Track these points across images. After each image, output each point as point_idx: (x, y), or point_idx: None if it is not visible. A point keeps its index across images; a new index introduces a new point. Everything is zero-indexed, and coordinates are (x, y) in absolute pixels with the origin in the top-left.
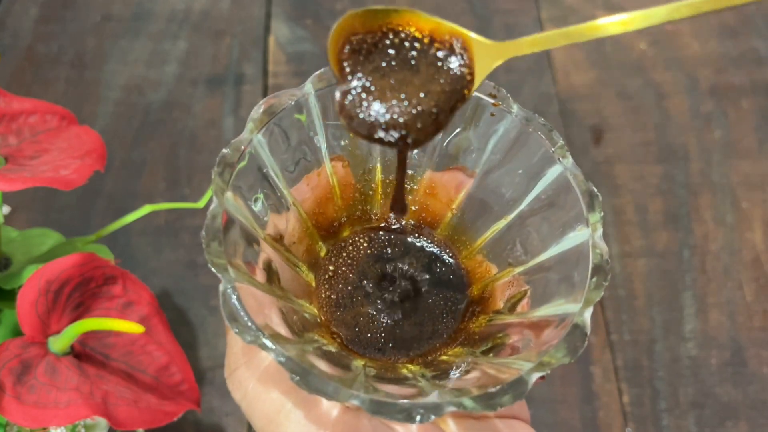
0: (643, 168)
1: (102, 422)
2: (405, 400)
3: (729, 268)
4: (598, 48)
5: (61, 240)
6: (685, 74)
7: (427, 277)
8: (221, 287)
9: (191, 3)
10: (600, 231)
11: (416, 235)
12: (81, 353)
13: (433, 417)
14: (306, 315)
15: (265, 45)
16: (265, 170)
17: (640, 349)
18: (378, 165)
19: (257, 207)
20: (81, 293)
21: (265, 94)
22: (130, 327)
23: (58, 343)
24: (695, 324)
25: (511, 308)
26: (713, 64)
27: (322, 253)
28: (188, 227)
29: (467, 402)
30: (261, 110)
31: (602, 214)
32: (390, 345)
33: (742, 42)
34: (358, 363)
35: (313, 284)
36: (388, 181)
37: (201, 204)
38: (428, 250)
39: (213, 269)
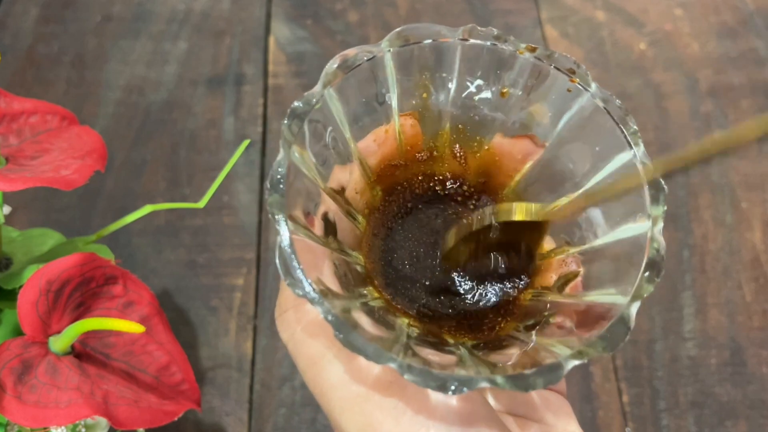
0: None
1: (102, 422)
2: (441, 371)
3: (728, 268)
4: (598, 48)
5: (61, 240)
6: (685, 74)
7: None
8: (279, 239)
9: (191, 3)
10: (660, 225)
11: (475, 201)
12: (81, 353)
13: (465, 390)
14: (358, 268)
15: (265, 45)
16: (334, 123)
17: (639, 349)
18: (447, 127)
19: (322, 159)
20: (81, 293)
21: (265, 94)
22: (131, 327)
23: (59, 342)
24: (695, 324)
25: (561, 287)
26: (713, 65)
27: (380, 206)
28: (188, 227)
29: (500, 380)
30: (335, 65)
31: (665, 208)
32: (437, 304)
33: (741, 42)
34: (402, 321)
35: (370, 236)
36: (455, 148)
37: (201, 204)
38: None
39: (273, 220)
